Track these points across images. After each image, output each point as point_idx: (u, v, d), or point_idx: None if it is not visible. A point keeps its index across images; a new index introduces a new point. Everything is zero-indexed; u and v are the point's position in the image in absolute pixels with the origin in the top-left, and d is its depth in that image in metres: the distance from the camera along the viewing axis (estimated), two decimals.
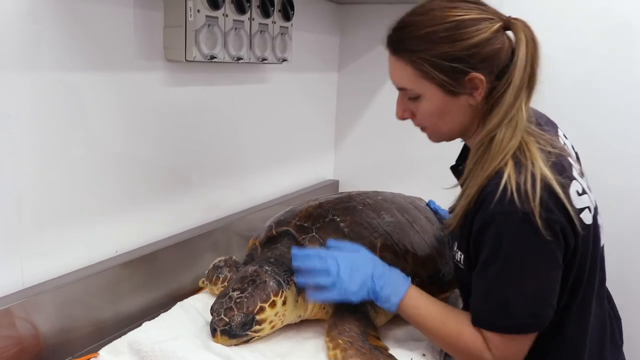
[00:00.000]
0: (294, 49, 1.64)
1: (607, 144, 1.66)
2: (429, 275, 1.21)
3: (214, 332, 1.03)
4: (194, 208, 1.48)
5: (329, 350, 1.04)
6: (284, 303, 1.07)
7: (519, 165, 0.91)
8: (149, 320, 1.14)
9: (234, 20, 1.36)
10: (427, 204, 1.49)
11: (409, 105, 1.03)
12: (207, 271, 1.29)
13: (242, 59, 1.41)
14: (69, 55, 1.08)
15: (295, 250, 1.08)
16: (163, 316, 1.16)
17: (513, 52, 0.94)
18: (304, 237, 1.15)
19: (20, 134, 1.02)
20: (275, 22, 1.52)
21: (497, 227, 0.90)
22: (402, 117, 1.05)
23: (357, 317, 1.08)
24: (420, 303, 1.02)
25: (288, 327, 1.14)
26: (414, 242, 1.25)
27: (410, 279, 1.05)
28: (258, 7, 1.44)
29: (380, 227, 1.22)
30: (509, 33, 0.96)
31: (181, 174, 1.42)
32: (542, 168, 0.90)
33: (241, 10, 1.36)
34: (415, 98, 1.00)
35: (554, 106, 1.12)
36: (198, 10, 1.25)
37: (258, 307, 1.04)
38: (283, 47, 1.57)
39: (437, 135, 1.06)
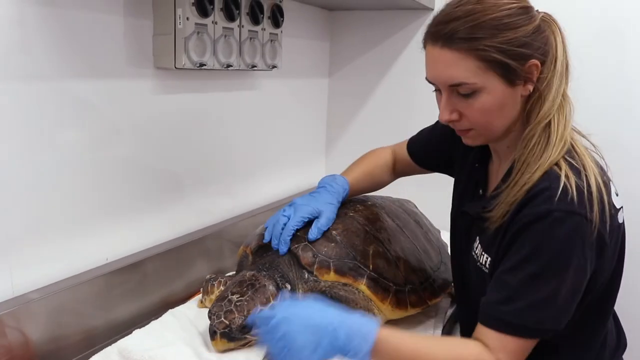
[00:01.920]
0: (284, 55, 1.65)
1: (600, 146, 1.67)
2: (420, 281, 1.22)
3: (213, 334, 1.02)
4: (184, 215, 1.48)
5: None
6: None
7: (573, 166, 0.90)
8: (140, 327, 1.14)
9: (223, 27, 1.36)
10: None
11: (457, 106, 0.95)
12: (201, 289, 1.27)
13: (231, 66, 1.41)
14: (58, 63, 1.09)
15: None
16: (154, 324, 1.16)
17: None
18: (296, 246, 1.15)
19: (9, 143, 1.02)
20: (264, 29, 1.52)
21: (550, 225, 0.86)
22: (449, 120, 0.97)
23: None
24: (391, 346, 0.87)
25: None
26: (405, 248, 1.25)
27: (377, 320, 0.91)
28: (247, 14, 1.44)
29: (372, 234, 1.22)
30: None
31: (172, 181, 1.42)
32: (595, 171, 0.90)
33: (230, 17, 1.36)
34: (470, 94, 0.92)
35: None
36: (187, 18, 1.25)
37: (258, 310, 1.04)
38: (273, 54, 1.58)
39: (486, 136, 1.00)
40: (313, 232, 1.14)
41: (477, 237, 1.05)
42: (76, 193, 1.16)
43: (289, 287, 1.11)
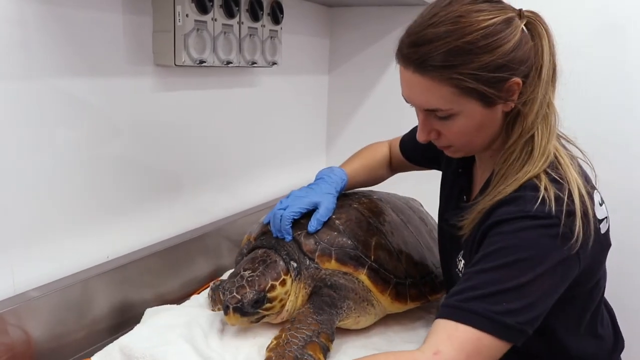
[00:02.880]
0: (283, 52, 1.65)
1: (598, 145, 1.67)
2: (421, 275, 1.22)
3: (226, 309, 1.03)
4: (184, 212, 1.48)
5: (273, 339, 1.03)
6: (292, 282, 1.10)
7: (554, 179, 0.87)
8: (141, 325, 1.14)
9: (223, 24, 1.36)
10: None
11: (435, 126, 0.94)
12: (209, 297, 1.26)
13: (231, 62, 1.41)
14: (58, 61, 1.08)
15: None
16: (155, 321, 1.16)
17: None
18: (299, 233, 1.15)
19: (9, 141, 1.02)
20: (264, 26, 1.52)
21: (520, 225, 0.84)
22: (426, 140, 0.97)
23: (319, 320, 1.05)
24: None
25: None
26: (408, 243, 1.25)
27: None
28: (247, 10, 1.44)
29: (375, 226, 1.22)
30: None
31: (172, 178, 1.42)
32: (578, 182, 0.87)
33: (230, 14, 1.36)
34: (447, 117, 0.90)
35: None
36: (187, 15, 1.25)
37: (269, 285, 1.06)
38: (273, 51, 1.58)
39: (465, 151, 1.00)
40: (312, 224, 1.14)
41: (462, 250, 1.02)
42: (77, 191, 1.16)
43: (295, 265, 1.12)
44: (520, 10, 0.91)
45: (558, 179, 0.88)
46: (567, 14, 1.68)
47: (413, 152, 1.32)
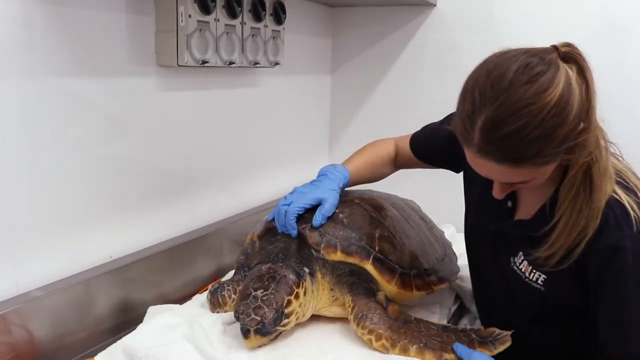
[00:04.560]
0: (286, 52, 1.65)
1: None
2: (424, 268, 1.23)
3: (247, 333, 1.02)
4: (187, 212, 1.48)
5: (372, 343, 1.06)
6: (304, 293, 1.10)
7: (626, 187, 0.92)
8: (144, 325, 1.14)
9: (225, 24, 1.36)
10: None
11: (511, 186, 0.97)
12: (208, 300, 1.23)
13: (234, 63, 1.41)
14: (62, 61, 1.09)
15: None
16: (158, 321, 1.16)
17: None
18: (304, 227, 1.15)
19: (13, 141, 1.02)
20: (267, 26, 1.52)
21: (632, 250, 0.89)
22: (501, 197, 1.00)
23: (374, 300, 1.11)
24: None
25: (286, 333, 1.14)
26: (410, 236, 1.26)
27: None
28: (249, 11, 1.44)
29: (377, 219, 1.23)
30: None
31: (174, 178, 1.42)
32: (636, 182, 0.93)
33: (232, 14, 1.36)
34: (525, 182, 0.94)
35: None
36: (189, 15, 1.25)
37: (285, 301, 1.05)
38: (275, 51, 1.58)
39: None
40: (317, 219, 1.14)
41: (520, 253, 1.05)
42: (80, 191, 1.17)
43: (307, 270, 1.12)
44: (557, 47, 0.90)
45: (629, 186, 0.94)
46: (567, 16, 1.68)
47: (426, 152, 1.33)
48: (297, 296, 1.07)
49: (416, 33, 1.94)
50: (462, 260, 1.56)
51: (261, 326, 1.02)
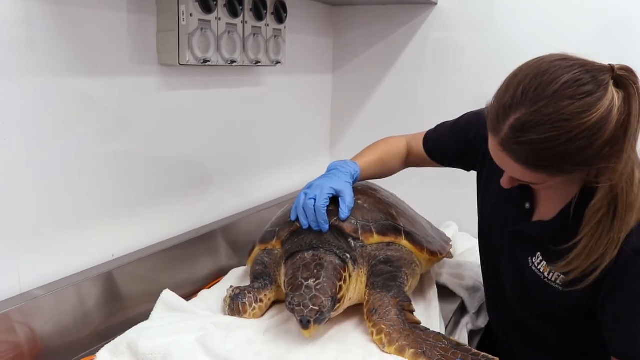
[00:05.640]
0: (287, 51, 1.65)
1: None
2: (433, 236, 1.33)
3: (307, 324, 1.02)
4: (189, 211, 1.48)
5: (373, 335, 1.08)
6: (350, 276, 1.13)
7: None
8: (148, 321, 1.14)
9: (226, 23, 1.36)
10: None
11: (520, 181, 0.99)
12: (227, 305, 1.21)
13: (235, 62, 1.41)
14: (63, 60, 1.09)
15: None
16: (162, 317, 1.17)
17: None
18: (335, 219, 1.18)
19: (15, 139, 1.02)
20: (268, 25, 1.52)
21: None
22: (507, 188, 1.02)
23: (393, 295, 1.12)
24: None
25: (290, 331, 1.14)
26: (414, 215, 1.38)
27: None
28: (251, 10, 1.44)
29: (385, 201, 1.30)
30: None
31: (176, 177, 1.43)
32: None
33: (234, 13, 1.37)
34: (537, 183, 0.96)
35: None
36: (191, 14, 1.25)
37: (338, 287, 1.07)
38: (277, 50, 1.58)
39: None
40: (344, 212, 1.17)
41: (539, 253, 1.05)
42: (82, 189, 1.17)
43: (348, 256, 1.14)
44: (612, 67, 0.87)
45: None
46: (568, 14, 1.68)
47: (439, 153, 1.34)
48: (345, 280, 1.10)
49: (417, 32, 1.93)
50: (462, 258, 1.57)
51: (319, 315, 1.03)
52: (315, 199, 1.16)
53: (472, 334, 1.33)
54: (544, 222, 1.05)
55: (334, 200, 1.19)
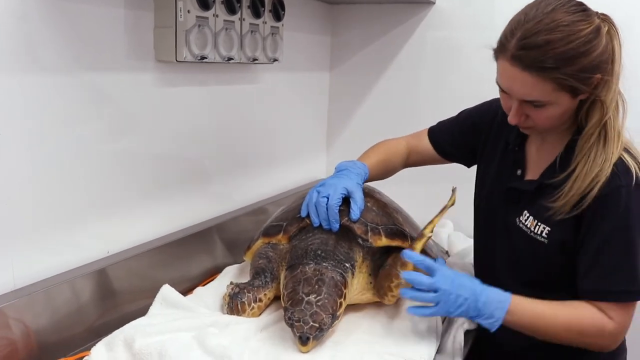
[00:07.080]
0: (285, 49, 1.65)
1: None
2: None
3: (306, 340, 1.02)
4: (184, 208, 1.48)
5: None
6: (349, 293, 1.13)
7: (628, 153, 1.03)
8: (144, 317, 1.14)
9: (224, 20, 1.36)
10: None
11: (527, 111, 1.05)
12: (225, 303, 1.21)
13: (232, 59, 1.41)
14: (60, 56, 1.09)
15: (406, 256, 1.09)
16: (161, 315, 1.17)
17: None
18: (346, 219, 1.19)
19: (11, 135, 1.02)
20: (266, 22, 1.52)
21: (624, 200, 1.00)
22: (518, 123, 1.08)
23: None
24: (526, 309, 1.05)
25: (285, 331, 1.14)
26: (415, 223, 1.40)
27: (509, 293, 1.06)
28: (248, 7, 1.44)
29: (389, 204, 1.32)
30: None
31: (172, 174, 1.42)
32: None
33: (231, 10, 1.36)
34: (541, 106, 1.03)
35: None
36: (188, 11, 1.25)
37: (338, 304, 1.08)
38: (274, 47, 1.58)
39: (542, 131, 1.12)
40: (356, 213, 1.19)
41: (526, 211, 1.13)
42: (77, 186, 1.17)
43: (348, 265, 1.15)
44: (597, 13, 1.02)
45: (629, 151, 1.04)
46: None
47: (447, 143, 1.38)
48: (345, 297, 1.10)
49: (415, 31, 1.93)
50: (457, 258, 1.57)
51: (319, 332, 1.03)
52: (328, 198, 1.17)
53: (467, 334, 1.33)
54: (534, 180, 1.15)
55: (344, 200, 1.20)
